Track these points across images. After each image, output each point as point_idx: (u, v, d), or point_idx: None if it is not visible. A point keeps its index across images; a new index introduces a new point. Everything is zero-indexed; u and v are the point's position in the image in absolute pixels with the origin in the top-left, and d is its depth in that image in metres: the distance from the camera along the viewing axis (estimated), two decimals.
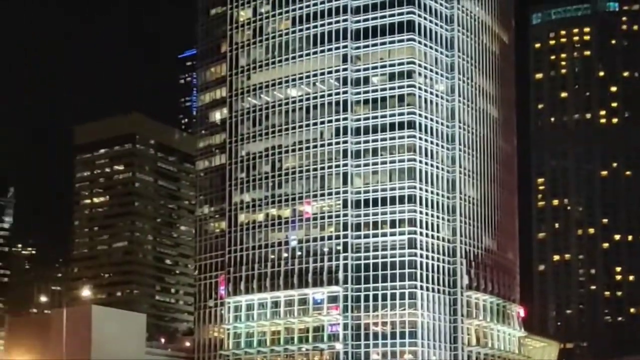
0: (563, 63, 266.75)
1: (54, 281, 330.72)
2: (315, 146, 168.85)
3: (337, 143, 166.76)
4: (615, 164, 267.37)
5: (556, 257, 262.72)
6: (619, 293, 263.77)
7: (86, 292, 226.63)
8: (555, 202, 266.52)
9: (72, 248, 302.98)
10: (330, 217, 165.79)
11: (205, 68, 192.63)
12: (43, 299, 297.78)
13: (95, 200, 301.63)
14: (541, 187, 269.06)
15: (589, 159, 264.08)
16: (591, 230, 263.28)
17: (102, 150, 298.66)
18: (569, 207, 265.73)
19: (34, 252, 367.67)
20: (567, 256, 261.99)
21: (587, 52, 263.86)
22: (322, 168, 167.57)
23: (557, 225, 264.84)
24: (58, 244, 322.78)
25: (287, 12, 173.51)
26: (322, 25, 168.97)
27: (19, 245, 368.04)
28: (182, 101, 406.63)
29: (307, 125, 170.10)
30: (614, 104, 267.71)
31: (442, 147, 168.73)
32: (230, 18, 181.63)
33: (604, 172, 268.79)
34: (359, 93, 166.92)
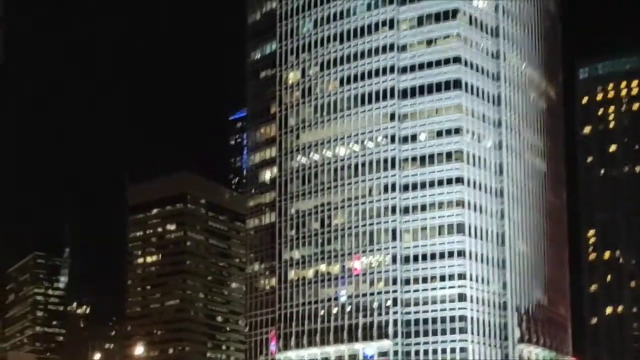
0: (611, 116, 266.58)
1: (108, 339, 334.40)
2: (364, 203, 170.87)
3: (386, 199, 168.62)
4: None
5: (609, 310, 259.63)
6: None
7: (139, 350, 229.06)
8: (607, 255, 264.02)
9: (126, 306, 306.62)
10: (379, 272, 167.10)
11: (256, 129, 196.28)
12: (97, 356, 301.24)
13: (148, 259, 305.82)
14: (592, 240, 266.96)
15: (639, 212, 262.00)
16: None
17: (154, 210, 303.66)
18: (620, 260, 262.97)
19: (88, 310, 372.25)
20: (619, 309, 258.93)
21: (636, 106, 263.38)
22: (371, 224, 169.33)
23: (609, 278, 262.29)
24: (112, 302, 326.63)
25: (334, 72, 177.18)
26: (370, 84, 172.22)
27: (74, 304, 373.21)
28: (233, 161, 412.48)
29: (356, 183, 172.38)
30: None
31: (491, 201, 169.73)
32: (280, 80, 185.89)
33: None
34: (406, 150, 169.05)
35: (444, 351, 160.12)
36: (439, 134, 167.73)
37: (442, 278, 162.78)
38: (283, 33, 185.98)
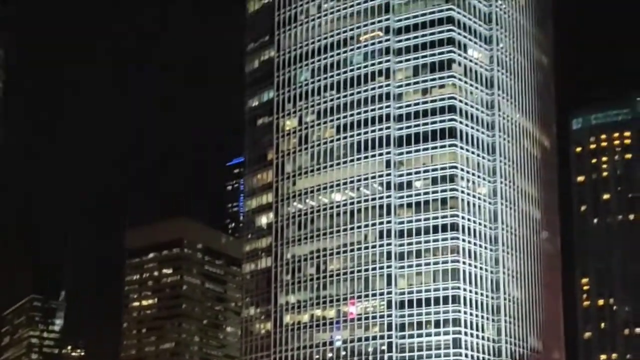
0: (604, 166, 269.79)
1: None
2: (359, 248, 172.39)
3: (381, 245, 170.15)
4: None
5: (603, 357, 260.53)
6: None
7: None
8: (601, 302, 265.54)
9: (121, 349, 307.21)
10: (374, 317, 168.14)
11: (252, 175, 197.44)
12: None
13: (144, 302, 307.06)
14: (586, 287, 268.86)
15: (633, 259, 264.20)
16: (638, 330, 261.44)
17: (151, 255, 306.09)
18: (614, 307, 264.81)
19: (83, 353, 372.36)
20: (613, 356, 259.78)
21: (628, 156, 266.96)
22: (367, 270, 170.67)
23: (603, 325, 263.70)
24: (107, 345, 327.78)
25: (331, 120, 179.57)
26: (366, 132, 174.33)
27: (69, 347, 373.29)
28: (230, 207, 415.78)
29: (352, 229, 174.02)
30: None
31: (485, 248, 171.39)
32: (277, 127, 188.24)
33: None
34: (402, 197, 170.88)
35: None
36: (434, 181, 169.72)
37: (437, 324, 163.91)
38: (280, 81, 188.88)
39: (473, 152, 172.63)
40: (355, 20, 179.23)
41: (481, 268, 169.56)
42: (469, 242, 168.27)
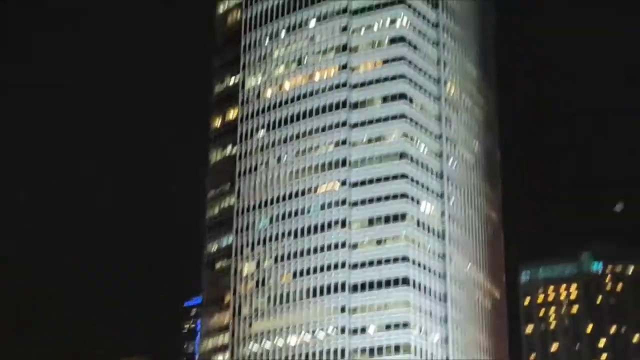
0: (552, 317, 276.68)
1: None
2: None
3: None
4: None
5: None
6: None
7: None
8: None
9: None
10: None
11: (209, 316, 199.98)
12: None
13: None
14: None
15: None
16: None
17: None
18: None
19: None
20: None
21: (575, 308, 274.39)
22: None
23: None
24: None
25: (288, 266, 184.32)
26: (322, 278, 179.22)
27: None
28: (185, 347, 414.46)
29: None
30: (604, 356, 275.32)
31: None
32: (235, 271, 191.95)
33: None
34: (356, 342, 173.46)
35: None
36: (388, 327, 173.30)
37: None
38: (239, 227, 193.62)
39: (425, 300, 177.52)
40: (314, 172, 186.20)
41: None
42: None
